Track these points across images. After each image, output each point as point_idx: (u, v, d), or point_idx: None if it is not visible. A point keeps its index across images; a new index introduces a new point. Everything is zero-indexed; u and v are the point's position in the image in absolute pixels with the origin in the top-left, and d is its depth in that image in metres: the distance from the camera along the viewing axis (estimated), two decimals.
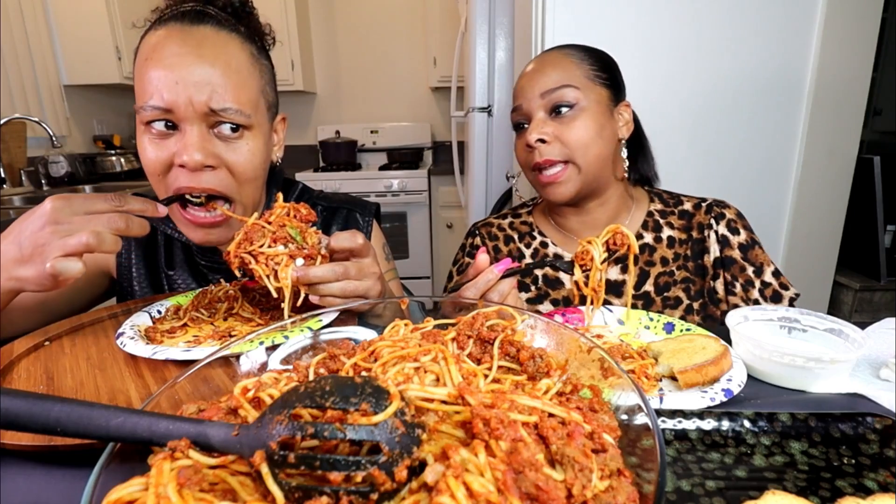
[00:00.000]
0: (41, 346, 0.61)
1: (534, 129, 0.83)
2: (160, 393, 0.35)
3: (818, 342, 0.59)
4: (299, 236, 0.61)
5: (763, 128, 1.43)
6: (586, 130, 0.81)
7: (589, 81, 0.83)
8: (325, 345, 0.48)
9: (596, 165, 0.83)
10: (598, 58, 0.87)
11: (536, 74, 0.85)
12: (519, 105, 0.87)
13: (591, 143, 0.82)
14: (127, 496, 0.26)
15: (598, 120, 0.83)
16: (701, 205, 0.91)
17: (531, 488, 0.24)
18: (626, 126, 0.88)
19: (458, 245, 1.09)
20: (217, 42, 0.69)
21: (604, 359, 0.37)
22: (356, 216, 0.96)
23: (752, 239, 0.88)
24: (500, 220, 1.04)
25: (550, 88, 0.82)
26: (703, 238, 0.89)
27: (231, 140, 0.70)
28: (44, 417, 0.28)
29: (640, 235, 0.91)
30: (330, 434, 0.26)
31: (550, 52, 0.88)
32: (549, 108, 0.83)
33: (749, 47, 1.38)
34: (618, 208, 0.92)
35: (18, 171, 2.42)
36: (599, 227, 0.89)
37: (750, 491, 0.37)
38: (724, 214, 0.89)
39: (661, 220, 0.92)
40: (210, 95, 0.66)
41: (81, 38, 2.54)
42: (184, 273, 0.85)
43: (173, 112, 0.66)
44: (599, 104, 0.84)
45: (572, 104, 0.82)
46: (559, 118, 0.82)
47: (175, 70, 0.65)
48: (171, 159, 0.67)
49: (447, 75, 2.66)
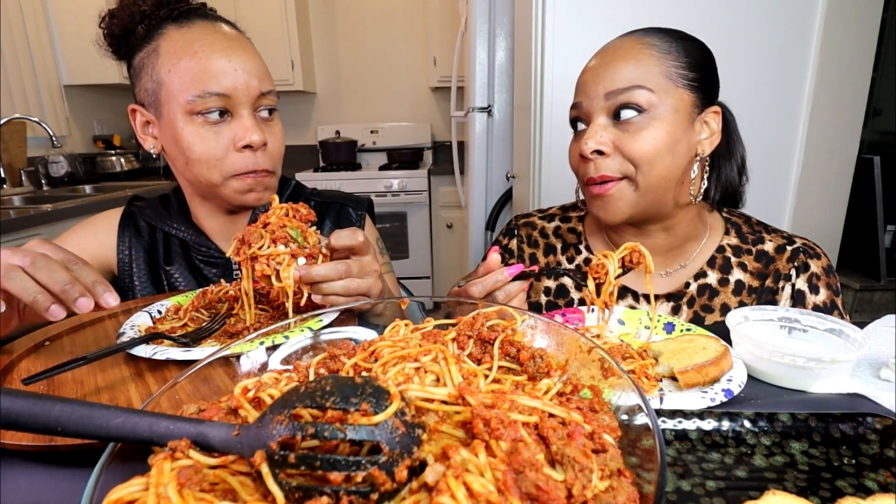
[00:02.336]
0: (41, 346, 0.61)
1: (590, 136, 0.69)
2: (160, 393, 0.35)
3: (818, 342, 0.59)
4: (300, 236, 0.61)
5: (763, 128, 1.43)
6: (654, 143, 0.67)
7: (669, 82, 0.68)
8: (325, 345, 0.48)
9: (660, 187, 0.69)
10: (689, 51, 0.70)
11: (604, 68, 0.70)
12: (578, 102, 0.73)
13: (658, 159, 0.67)
14: (127, 496, 0.26)
15: (673, 132, 0.68)
16: (786, 248, 0.75)
17: (531, 488, 0.24)
18: (709, 139, 0.72)
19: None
20: (241, 35, 0.79)
21: (604, 359, 0.37)
22: (349, 210, 0.98)
23: (831, 302, 0.73)
24: (546, 223, 0.90)
25: (618, 89, 0.68)
26: (776, 289, 0.75)
27: (269, 122, 0.79)
28: (44, 417, 0.28)
29: (704, 273, 0.76)
30: (330, 434, 0.26)
31: (628, 39, 0.71)
32: (612, 111, 0.69)
33: (749, 47, 1.38)
34: (686, 237, 0.77)
35: (18, 171, 2.42)
36: (660, 254, 0.78)
37: (750, 491, 0.37)
38: (809, 266, 0.74)
39: (732, 259, 0.77)
40: (260, 80, 0.75)
41: (81, 38, 2.54)
42: (182, 268, 0.87)
43: (231, 98, 0.73)
44: (678, 112, 0.68)
45: (642, 109, 0.67)
46: (623, 124, 0.68)
47: (232, 59, 0.73)
48: (229, 144, 0.74)
49: (447, 75, 2.66)
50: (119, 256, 0.86)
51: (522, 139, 1.67)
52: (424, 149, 3.40)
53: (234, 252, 0.61)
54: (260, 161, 0.76)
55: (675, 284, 0.78)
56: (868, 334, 0.59)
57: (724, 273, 0.76)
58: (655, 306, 0.76)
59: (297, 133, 3.52)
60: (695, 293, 0.76)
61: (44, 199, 2.26)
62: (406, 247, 3.07)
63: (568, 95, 0.79)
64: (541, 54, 1.43)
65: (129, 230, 0.87)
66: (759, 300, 0.76)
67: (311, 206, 0.96)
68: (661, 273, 0.79)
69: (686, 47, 0.70)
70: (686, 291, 0.77)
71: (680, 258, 0.79)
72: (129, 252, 0.86)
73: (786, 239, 0.77)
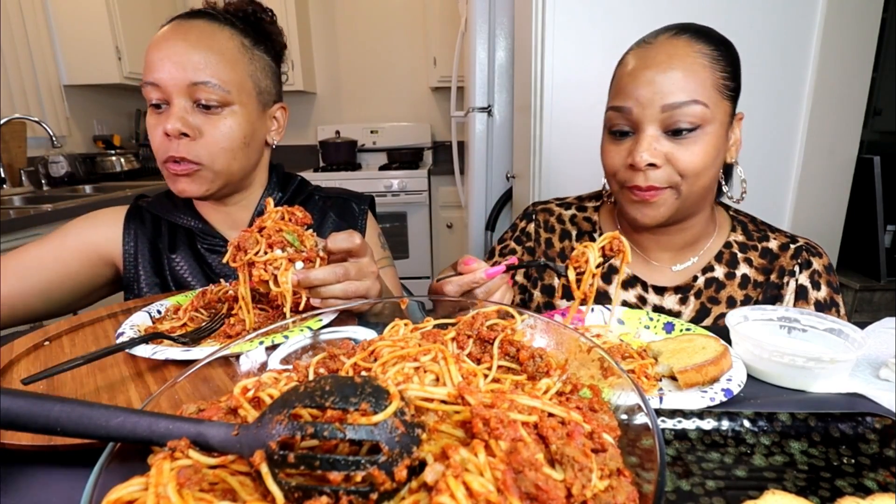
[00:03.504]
0: (41, 346, 0.61)
1: (645, 148, 0.67)
2: (160, 393, 0.35)
3: (818, 342, 0.59)
4: (296, 240, 0.61)
5: (763, 128, 1.43)
6: (704, 158, 0.67)
7: (717, 94, 0.67)
8: (324, 344, 0.48)
9: (699, 195, 0.71)
10: (731, 60, 0.70)
11: (659, 76, 0.66)
12: (626, 108, 0.69)
13: (704, 171, 0.68)
14: (127, 496, 0.26)
15: (718, 144, 0.69)
16: (789, 246, 0.78)
17: (531, 488, 0.24)
18: (735, 146, 0.74)
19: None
20: (205, 29, 0.78)
21: (603, 358, 0.37)
22: (352, 206, 0.99)
23: (831, 298, 0.76)
24: (563, 210, 0.92)
25: (675, 102, 0.66)
26: (781, 285, 0.77)
27: (210, 114, 0.77)
28: (44, 417, 0.28)
29: (711, 267, 0.79)
30: (330, 434, 0.26)
31: (678, 42, 0.68)
32: (667, 124, 0.67)
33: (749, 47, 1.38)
34: (699, 234, 0.80)
35: (18, 171, 2.42)
36: (674, 250, 0.81)
37: (750, 491, 0.37)
38: (811, 264, 0.77)
39: (738, 254, 0.79)
40: (192, 70, 0.74)
41: (81, 38, 2.54)
42: (186, 256, 0.88)
43: (161, 87, 0.75)
44: (723, 125, 0.69)
45: (697, 125, 0.66)
46: (677, 139, 0.67)
47: (163, 50, 0.75)
48: (164, 134, 0.76)
49: (447, 75, 2.66)
50: (125, 248, 0.87)
51: (522, 139, 1.66)
52: (424, 149, 3.40)
53: (231, 258, 0.61)
54: (180, 149, 0.76)
55: (683, 278, 0.80)
56: (868, 335, 0.59)
57: (730, 268, 0.79)
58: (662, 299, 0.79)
59: (297, 133, 3.52)
60: (702, 286, 0.78)
61: (44, 199, 2.26)
62: (406, 247, 3.07)
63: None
64: (541, 54, 1.43)
65: (134, 223, 0.88)
66: (764, 294, 0.78)
67: (315, 200, 0.98)
68: (672, 267, 0.81)
69: (728, 55, 0.70)
70: (694, 284, 0.79)
71: (690, 254, 0.81)
72: (134, 244, 0.87)
73: (789, 238, 0.80)
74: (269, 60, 0.87)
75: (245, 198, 0.90)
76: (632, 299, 0.82)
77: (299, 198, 0.97)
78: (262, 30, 0.86)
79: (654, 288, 0.80)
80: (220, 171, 0.81)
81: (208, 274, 0.88)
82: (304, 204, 0.96)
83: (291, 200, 0.95)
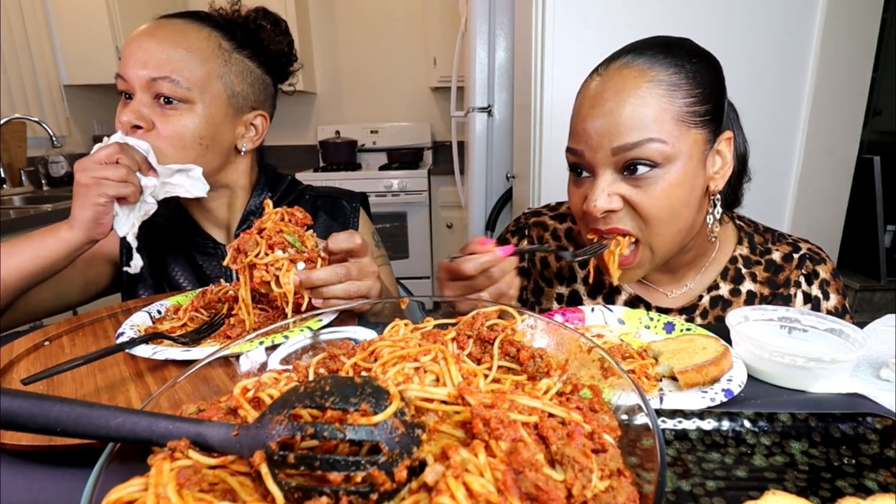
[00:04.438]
0: (41, 346, 0.61)
1: (599, 195, 0.63)
2: (160, 393, 0.35)
3: (818, 342, 0.59)
4: (297, 241, 0.61)
5: (763, 128, 1.43)
6: (670, 200, 0.62)
7: (682, 126, 0.61)
8: (324, 345, 0.48)
9: (675, 240, 0.66)
10: (699, 78, 0.62)
11: (607, 116, 0.61)
12: (579, 151, 0.65)
13: (674, 216, 0.63)
14: (127, 496, 0.26)
15: (689, 180, 0.62)
16: (793, 256, 0.75)
17: (531, 488, 0.24)
18: (721, 172, 0.67)
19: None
20: (178, 27, 0.79)
21: (604, 359, 0.37)
22: (342, 204, 1.00)
23: (843, 306, 0.74)
24: (557, 223, 0.87)
25: (626, 144, 0.60)
26: (789, 296, 0.74)
27: (168, 108, 0.77)
28: (44, 417, 0.28)
29: (716, 286, 0.76)
30: (330, 434, 0.26)
31: (628, 72, 0.62)
32: (621, 166, 0.62)
33: (749, 47, 1.38)
34: (697, 255, 0.76)
35: (18, 171, 2.42)
36: (673, 272, 0.77)
37: (750, 491, 0.37)
38: (819, 273, 0.74)
39: (743, 270, 0.76)
40: (153, 66, 0.75)
41: (81, 38, 2.54)
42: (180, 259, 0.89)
43: (126, 81, 0.76)
44: (692, 157, 0.62)
45: (656, 164, 0.61)
46: (634, 179, 0.62)
47: (132, 45, 0.77)
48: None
49: (447, 75, 2.66)
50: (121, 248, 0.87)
51: (522, 139, 1.66)
52: (424, 149, 3.40)
53: (231, 260, 0.61)
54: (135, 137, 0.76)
55: (687, 298, 0.77)
56: (868, 334, 0.59)
57: (735, 284, 0.76)
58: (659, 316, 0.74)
59: (297, 133, 3.52)
60: (707, 305, 0.76)
61: (44, 199, 2.26)
62: (406, 247, 3.07)
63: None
64: (541, 54, 1.43)
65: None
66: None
67: (306, 200, 0.98)
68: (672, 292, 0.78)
69: (695, 73, 0.62)
70: (699, 304, 0.76)
71: (691, 274, 0.78)
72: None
73: (791, 246, 0.77)
74: (254, 66, 0.85)
75: (223, 196, 0.90)
76: None
77: (289, 197, 0.97)
78: (255, 37, 0.85)
79: (659, 309, 0.77)
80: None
81: (201, 277, 0.88)
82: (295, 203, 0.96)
83: (281, 200, 0.95)
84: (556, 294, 0.86)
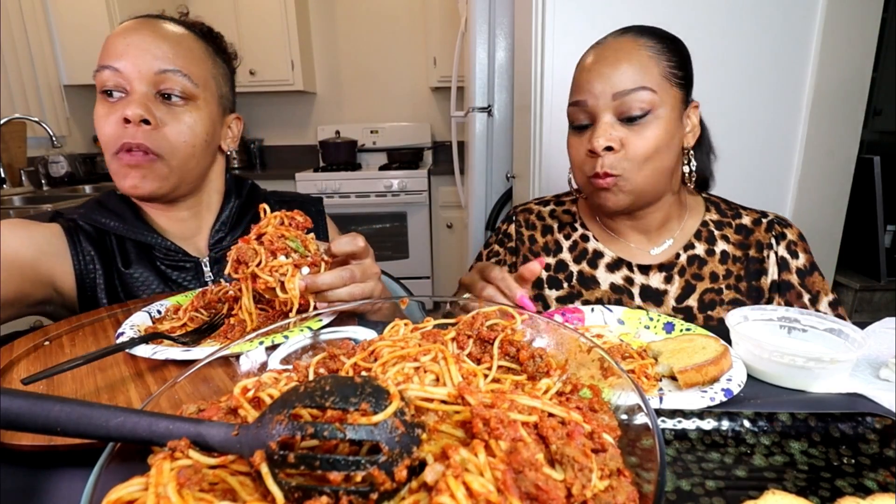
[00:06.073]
0: (41, 346, 0.61)
1: (601, 133, 0.73)
2: (160, 393, 0.35)
3: (818, 342, 0.59)
4: (300, 246, 0.61)
5: (763, 128, 1.43)
6: (655, 142, 0.73)
7: (665, 82, 0.73)
8: (324, 345, 0.48)
9: (654, 178, 0.76)
10: (677, 50, 0.76)
11: (608, 68, 0.73)
12: (583, 101, 0.76)
13: (656, 155, 0.73)
14: (127, 496, 0.26)
15: (670, 129, 0.74)
16: (761, 220, 0.85)
17: (531, 488, 0.24)
18: (692, 132, 0.79)
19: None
20: (171, 27, 0.77)
21: (603, 358, 0.37)
22: (309, 209, 1.00)
23: (811, 264, 0.81)
24: (541, 207, 0.97)
25: (626, 90, 0.72)
26: (762, 258, 0.82)
27: (175, 106, 0.75)
28: (44, 417, 0.28)
29: (692, 245, 0.84)
30: (330, 434, 0.26)
31: (623, 40, 0.76)
32: (619, 111, 0.73)
33: (749, 47, 1.38)
34: (669, 215, 0.85)
35: (18, 171, 2.42)
36: (649, 232, 0.85)
37: (750, 491, 0.37)
38: (786, 235, 0.83)
39: (715, 232, 0.85)
40: (161, 58, 0.73)
41: (81, 38, 2.54)
42: (143, 269, 0.81)
43: (122, 73, 0.71)
44: (673, 109, 0.74)
45: (647, 111, 0.72)
46: (630, 125, 0.73)
47: (128, 36, 0.72)
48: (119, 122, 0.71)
49: (447, 75, 2.66)
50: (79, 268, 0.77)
51: (522, 139, 1.66)
52: (424, 149, 3.40)
53: (232, 270, 0.61)
54: (136, 136, 0.71)
55: (666, 256, 0.85)
56: (868, 335, 0.59)
57: (709, 244, 0.84)
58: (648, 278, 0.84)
59: (297, 133, 3.52)
60: (685, 263, 0.84)
61: (44, 199, 2.26)
62: (406, 247, 3.07)
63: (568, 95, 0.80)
64: (541, 54, 1.43)
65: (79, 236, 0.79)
66: (745, 268, 0.82)
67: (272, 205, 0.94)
68: (651, 250, 0.87)
69: (671, 47, 0.75)
70: (677, 262, 0.84)
71: (666, 235, 0.86)
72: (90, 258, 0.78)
73: (758, 213, 0.86)
74: (227, 71, 0.87)
75: (198, 204, 0.87)
76: (619, 281, 0.85)
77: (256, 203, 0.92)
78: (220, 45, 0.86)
79: (640, 267, 0.85)
80: (177, 168, 0.77)
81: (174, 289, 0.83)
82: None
83: (248, 206, 0.93)
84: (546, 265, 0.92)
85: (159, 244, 0.82)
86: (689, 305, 0.82)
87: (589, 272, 0.87)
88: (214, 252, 0.87)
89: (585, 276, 0.87)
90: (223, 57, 0.86)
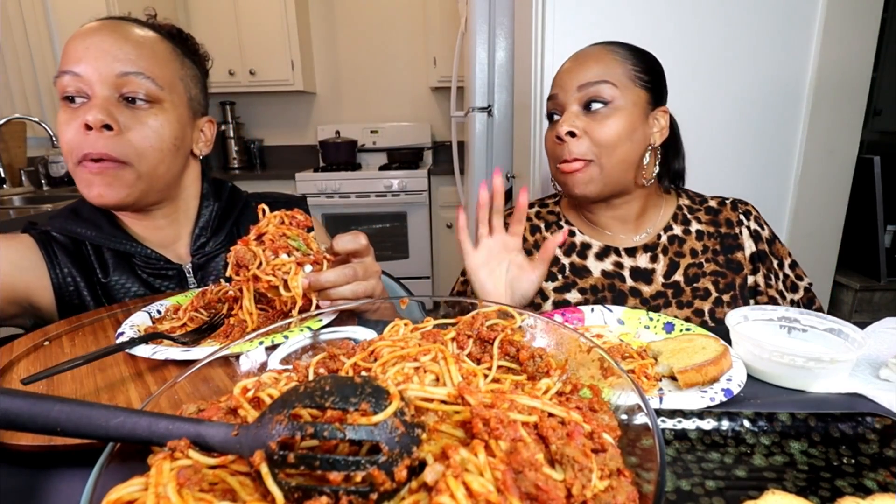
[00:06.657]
0: (41, 346, 0.61)
1: (565, 121, 0.82)
2: (160, 393, 0.35)
3: (818, 342, 0.59)
4: (302, 244, 0.61)
5: (763, 128, 1.43)
6: (616, 130, 0.80)
7: (629, 81, 0.82)
8: (324, 345, 0.48)
9: (620, 168, 0.83)
10: (643, 59, 0.86)
11: (576, 67, 0.84)
12: (555, 94, 0.86)
13: (619, 144, 0.81)
14: (127, 496, 0.26)
15: (632, 122, 0.81)
16: (725, 202, 0.95)
17: (531, 488, 0.24)
18: (660, 132, 0.87)
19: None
20: (135, 28, 0.75)
21: (603, 358, 0.37)
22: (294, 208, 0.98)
23: (773, 233, 0.92)
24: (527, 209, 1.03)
25: (588, 82, 0.81)
26: (736, 234, 0.91)
27: (139, 110, 0.73)
28: (44, 417, 0.28)
29: (670, 227, 0.93)
30: (330, 434, 0.26)
31: (594, 47, 0.87)
32: (583, 101, 0.82)
33: (749, 47, 1.38)
34: (645, 206, 0.92)
35: (18, 171, 2.42)
36: (630, 222, 0.92)
37: (750, 491, 0.37)
38: (750, 212, 0.93)
39: (689, 215, 0.94)
40: (122, 60, 0.70)
41: None
42: (124, 278, 0.79)
43: (82, 77, 0.69)
44: (636, 106, 0.82)
45: (607, 101, 0.80)
46: (592, 114, 0.81)
47: (87, 39, 0.70)
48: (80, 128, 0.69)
49: (447, 75, 2.66)
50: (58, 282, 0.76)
51: (522, 139, 1.66)
52: (424, 149, 3.40)
53: (233, 272, 0.61)
54: (98, 145, 0.69)
55: (649, 238, 0.93)
56: (868, 335, 0.59)
57: (685, 225, 0.93)
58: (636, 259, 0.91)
59: (297, 133, 3.52)
60: (666, 242, 0.92)
61: (44, 199, 2.26)
62: (406, 247, 3.06)
63: None
64: (541, 54, 1.43)
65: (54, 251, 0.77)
66: (721, 243, 0.91)
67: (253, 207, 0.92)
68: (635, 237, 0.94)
69: (640, 55, 0.85)
70: (659, 242, 0.92)
71: (646, 223, 0.94)
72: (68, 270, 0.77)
73: (721, 198, 0.96)
74: (198, 73, 0.84)
75: (174, 211, 0.84)
76: (610, 267, 0.91)
77: (237, 206, 0.93)
78: (190, 46, 0.84)
79: (627, 251, 0.92)
80: (145, 174, 0.74)
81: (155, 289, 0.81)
82: (244, 211, 0.93)
83: (229, 209, 0.91)
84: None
85: (139, 252, 0.79)
86: (677, 280, 0.89)
87: (580, 262, 0.93)
88: (197, 258, 0.85)
89: (577, 266, 0.93)
90: (193, 59, 0.84)
